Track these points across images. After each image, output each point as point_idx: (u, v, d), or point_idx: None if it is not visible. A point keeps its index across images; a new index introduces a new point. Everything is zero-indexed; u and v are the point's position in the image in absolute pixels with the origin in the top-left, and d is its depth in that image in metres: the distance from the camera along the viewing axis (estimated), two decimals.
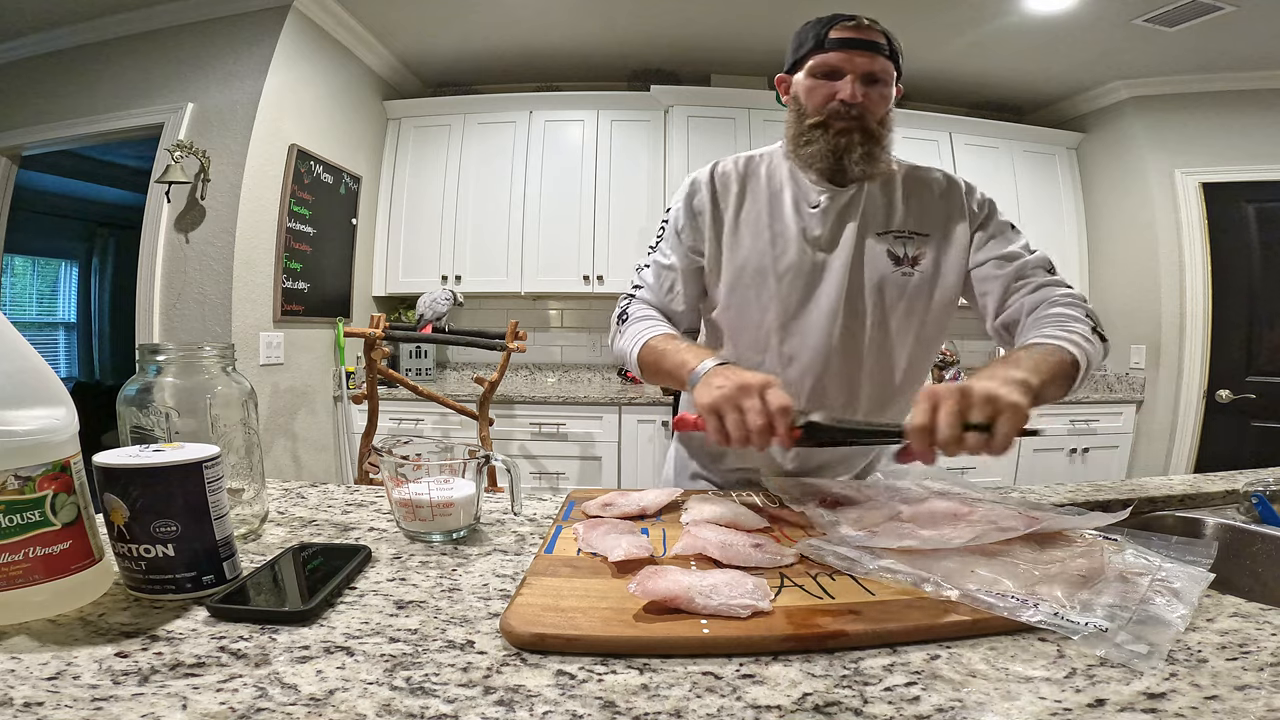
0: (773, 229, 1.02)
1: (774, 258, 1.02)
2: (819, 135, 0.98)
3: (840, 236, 1.01)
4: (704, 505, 0.79)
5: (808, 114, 0.99)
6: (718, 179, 1.07)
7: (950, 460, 1.15)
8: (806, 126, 0.99)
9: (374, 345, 2.40)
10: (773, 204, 1.04)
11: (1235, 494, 1.04)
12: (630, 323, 1.05)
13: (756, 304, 1.03)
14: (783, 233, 1.02)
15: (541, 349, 3.58)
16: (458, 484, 0.74)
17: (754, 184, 1.06)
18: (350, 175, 3.03)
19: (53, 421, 0.54)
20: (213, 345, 0.72)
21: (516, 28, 2.97)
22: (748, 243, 1.03)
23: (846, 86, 0.94)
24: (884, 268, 1.00)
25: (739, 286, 1.04)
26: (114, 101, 2.63)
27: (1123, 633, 0.48)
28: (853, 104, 0.95)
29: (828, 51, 0.95)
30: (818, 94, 0.97)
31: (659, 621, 0.50)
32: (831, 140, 0.97)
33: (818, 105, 0.97)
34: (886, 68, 0.96)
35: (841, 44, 0.94)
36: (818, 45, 0.96)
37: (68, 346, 5.07)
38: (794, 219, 1.02)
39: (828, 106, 0.96)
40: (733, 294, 1.04)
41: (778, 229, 1.02)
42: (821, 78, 0.97)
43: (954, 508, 0.70)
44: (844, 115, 0.96)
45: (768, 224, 1.03)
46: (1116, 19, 2.63)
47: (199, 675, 0.44)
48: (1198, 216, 3.09)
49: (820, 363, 1.01)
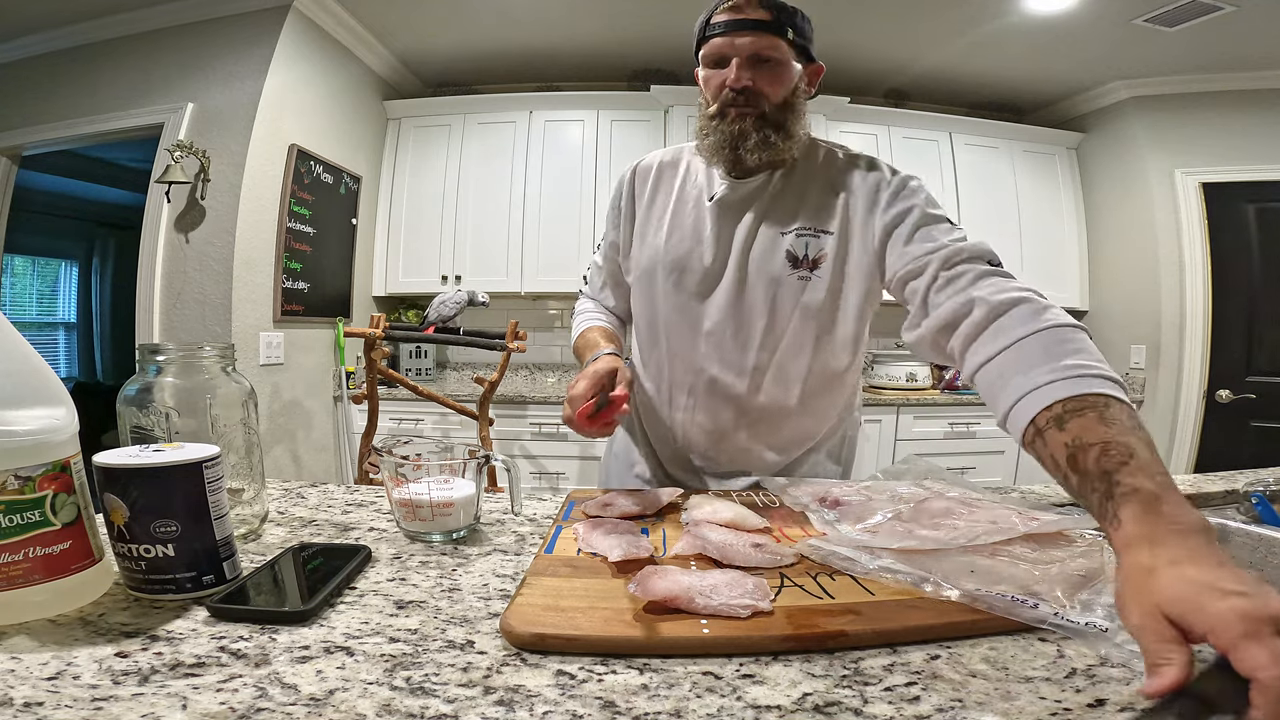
0: (671, 223, 1.00)
1: (665, 253, 0.99)
2: (716, 125, 0.93)
3: (734, 233, 0.96)
4: (704, 505, 0.79)
5: (707, 106, 0.94)
6: (638, 175, 1.06)
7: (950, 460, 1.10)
8: (706, 117, 0.94)
9: (374, 345, 2.40)
10: (680, 198, 1.01)
11: (1235, 494, 1.04)
12: (575, 317, 1.13)
13: (649, 300, 1.02)
14: (679, 227, 0.99)
15: (541, 349, 3.58)
16: (458, 484, 0.74)
17: (670, 177, 1.04)
18: (350, 175, 3.03)
19: (53, 421, 0.54)
20: (213, 345, 0.72)
21: (516, 28, 2.97)
22: (649, 238, 1.02)
23: (731, 71, 0.89)
24: (778, 270, 0.94)
25: (639, 282, 1.04)
26: (114, 101, 2.63)
27: (1123, 633, 0.48)
28: (740, 89, 0.89)
29: (710, 38, 0.91)
30: (712, 83, 0.93)
31: (659, 621, 0.50)
32: (726, 129, 0.91)
33: (713, 95, 0.93)
34: (774, 44, 0.89)
35: (723, 27, 0.89)
36: (703, 33, 0.92)
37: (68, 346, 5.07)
38: (692, 214, 0.99)
39: (721, 95, 0.91)
40: (636, 288, 1.05)
41: (675, 223, 0.99)
42: (713, 66, 0.92)
43: (954, 508, 0.70)
44: (735, 102, 0.90)
45: (669, 219, 1.00)
46: (1116, 19, 2.63)
47: (199, 675, 0.44)
48: (1198, 216, 3.09)
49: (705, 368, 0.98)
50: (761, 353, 0.97)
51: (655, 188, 1.04)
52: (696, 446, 1.05)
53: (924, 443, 2.98)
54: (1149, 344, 3.22)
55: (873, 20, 2.78)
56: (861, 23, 2.80)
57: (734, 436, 1.02)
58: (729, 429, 1.02)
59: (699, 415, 1.02)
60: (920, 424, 3.00)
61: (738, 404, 1.00)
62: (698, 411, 1.02)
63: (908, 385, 3.21)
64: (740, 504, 0.81)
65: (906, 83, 3.46)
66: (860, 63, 3.20)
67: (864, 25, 2.82)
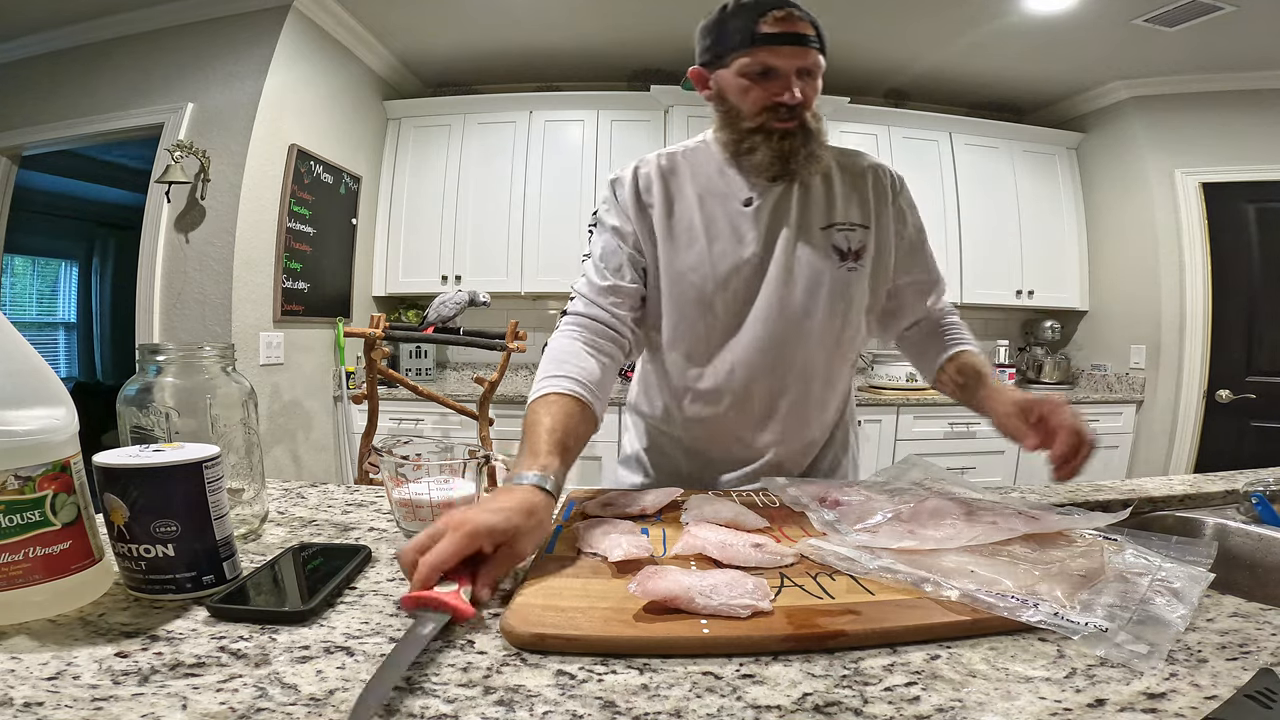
0: (708, 234, 0.96)
1: (712, 265, 0.95)
2: (761, 141, 0.91)
3: (778, 235, 0.96)
4: (704, 505, 0.79)
5: (744, 117, 0.92)
6: (641, 182, 0.99)
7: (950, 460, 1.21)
8: (745, 131, 0.92)
9: (374, 345, 2.40)
10: (704, 207, 0.97)
11: (1235, 494, 1.04)
12: (546, 361, 0.90)
13: (698, 314, 0.97)
14: (718, 236, 0.96)
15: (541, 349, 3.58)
16: (458, 484, 0.74)
17: (678, 185, 0.99)
18: (350, 175, 3.03)
19: (53, 421, 0.54)
20: (213, 345, 0.72)
21: (516, 28, 2.97)
22: (683, 252, 0.97)
23: (788, 88, 0.88)
24: (826, 264, 0.96)
25: (679, 298, 0.97)
26: (114, 101, 2.63)
27: (1123, 633, 0.48)
28: (794, 105, 0.89)
29: (759, 48, 0.87)
30: (753, 96, 0.90)
31: (659, 621, 0.50)
32: (776, 145, 0.91)
33: (754, 109, 0.91)
34: (818, 61, 0.90)
35: (774, 39, 0.87)
36: (746, 41, 0.88)
37: (68, 346, 5.07)
38: (726, 222, 0.97)
39: (765, 110, 0.90)
40: (672, 305, 0.98)
41: (712, 233, 0.96)
42: (754, 78, 0.89)
43: (954, 508, 0.70)
44: (785, 117, 0.90)
45: (702, 230, 0.96)
46: (1116, 19, 2.63)
47: (199, 675, 0.44)
48: (1198, 216, 3.09)
49: (751, 370, 0.97)
50: (797, 352, 0.98)
51: (667, 198, 0.98)
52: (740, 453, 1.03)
53: (924, 443, 2.98)
54: (1149, 344, 3.22)
55: (873, 20, 2.78)
56: (861, 23, 2.80)
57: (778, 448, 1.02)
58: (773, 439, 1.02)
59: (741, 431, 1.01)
60: (920, 424, 3.00)
61: (767, 408, 1.00)
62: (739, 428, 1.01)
63: (908, 385, 3.21)
64: (740, 504, 0.81)
65: (906, 83, 3.46)
66: (860, 63, 3.20)
67: (864, 25, 2.82)
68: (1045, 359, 3.58)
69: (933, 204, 3.32)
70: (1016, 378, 3.38)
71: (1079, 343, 3.65)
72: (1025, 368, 3.63)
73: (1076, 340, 3.67)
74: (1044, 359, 3.58)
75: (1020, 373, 3.62)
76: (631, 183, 1.00)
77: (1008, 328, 3.73)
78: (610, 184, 1.02)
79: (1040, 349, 3.64)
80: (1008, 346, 3.36)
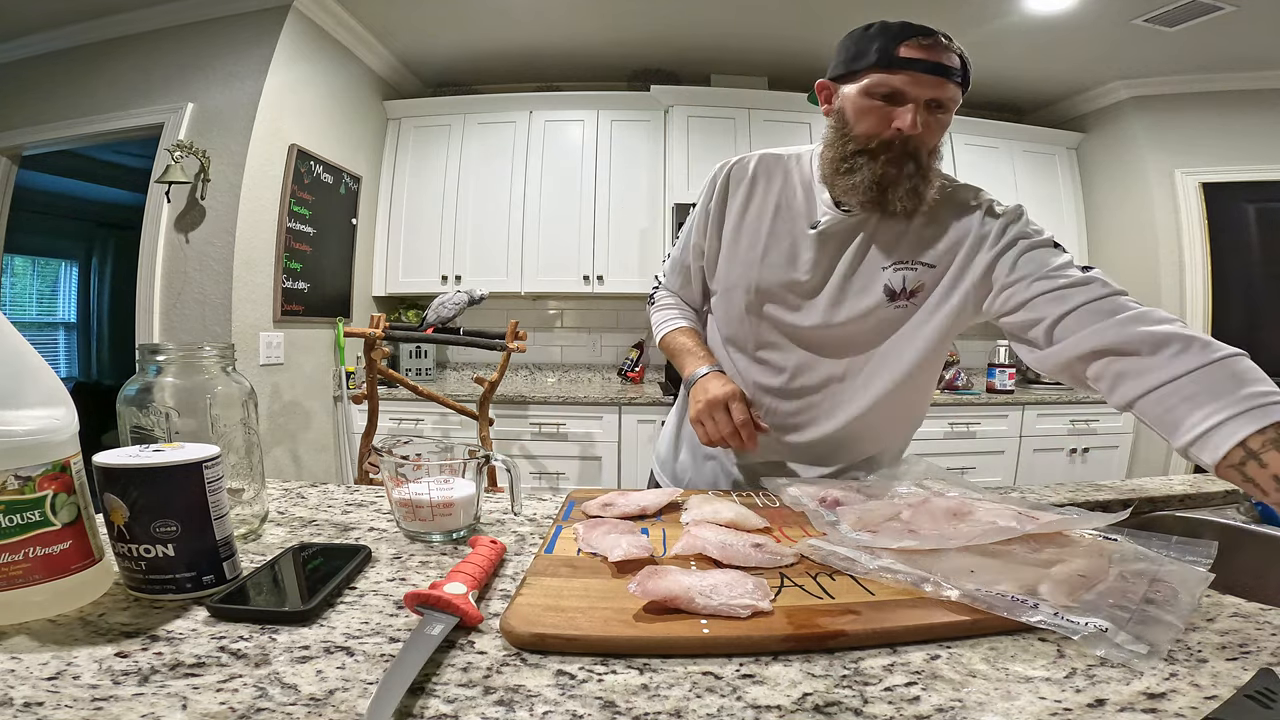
0: (768, 243, 0.96)
1: (761, 275, 0.97)
2: (864, 163, 0.87)
3: (835, 264, 0.94)
4: (704, 505, 0.79)
5: (853, 137, 0.88)
6: (732, 176, 1.00)
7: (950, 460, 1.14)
8: (850, 152, 0.88)
9: (374, 345, 2.40)
10: (777, 216, 0.97)
11: (1235, 494, 1.04)
12: (655, 310, 1.13)
13: (737, 315, 1.01)
14: (775, 248, 0.96)
15: (541, 349, 3.58)
16: (458, 484, 0.74)
17: (765, 189, 0.98)
18: (350, 175, 3.03)
19: (53, 421, 0.54)
20: (213, 345, 0.72)
21: (516, 28, 2.97)
22: (741, 253, 0.99)
23: (908, 116, 0.83)
24: (875, 303, 0.93)
25: (725, 292, 1.03)
26: (114, 101, 2.63)
27: (1123, 633, 0.48)
28: (910, 136, 0.84)
29: (894, 71, 0.83)
30: (871, 118, 0.86)
31: (659, 621, 0.50)
32: (879, 171, 0.86)
33: (869, 131, 0.86)
34: (955, 96, 0.85)
35: (911, 64, 0.82)
36: (883, 60, 0.83)
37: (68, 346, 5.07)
38: (788, 237, 0.96)
39: (880, 135, 0.86)
40: (720, 297, 1.04)
41: (771, 244, 0.96)
42: (880, 99, 0.85)
43: (954, 508, 0.70)
44: (898, 147, 0.85)
45: (765, 238, 0.97)
46: (1116, 19, 2.63)
47: (199, 675, 0.44)
48: (1198, 216, 3.09)
49: (786, 386, 0.99)
50: (858, 383, 0.96)
51: (749, 196, 0.99)
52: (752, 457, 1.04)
53: (924, 443, 2.98)
54: None
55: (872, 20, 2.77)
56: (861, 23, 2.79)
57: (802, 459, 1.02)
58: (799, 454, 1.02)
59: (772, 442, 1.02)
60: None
61: (819, 431, 1.00)
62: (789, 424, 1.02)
63: None
64: (740, 504, 0.81)
65: None
66: None
67: None
68: None
69: None
70: (1016, 378, 3.38)
71: None
72: (1025, 368, 3.63)
73: None
74: None
75: (1020, 373, 3.62)
76: (725, 175, 1.01)
77: None
78: (712, 173, 1.03)
79: None
80: (1008, 346, 3.36)
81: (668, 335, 1.07)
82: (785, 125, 3.16)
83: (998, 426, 3.08)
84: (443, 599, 0.50)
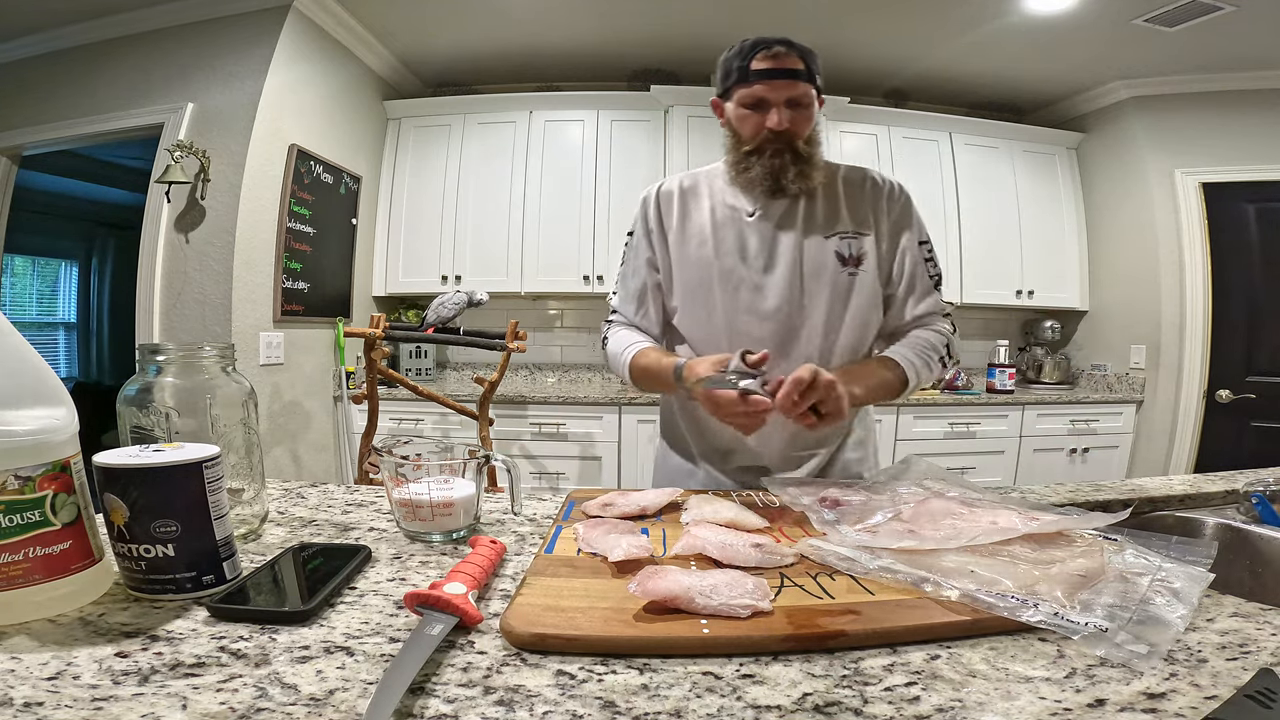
0: (715, 239, 1.09)
1: (717, 266, 1.08)
2: (755, 161, 1.05)
3: (780, 241, 1.07)
4: (704, 505, 0.79)
5: (743, 142, 1.06)
6: (661, 198, 1.14)
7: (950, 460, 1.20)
8: (743, 154, 1.06)
9: (374, 345, 2.40)
10: (714, 216, 1.10)
11: (1235, 494, 1.04)
12: (614, 345, 1.16)
13: (705, 309, 1.10)
14: (723, 241, 1.08)
15: (541, 349, 3.58)
16: (458, 484, 0.74)
17: (694, 200, 1.13)
18: (350, 175, 3.03)
19: (53, 421, 0.54)
20: (213, 345, 0.72)
21: (516, 28, 2.97)
22: (692, 255, 1.10)
23: (773, 116, 1.01)
24: (831, 268, 1.07)
25: (688, 294, 1.11)
26: (114, 101, 2.63)
27: (1123, 633, 0.48)
28: (780, 131, 1.01)
29: (752, 83, 1.01)
30: (748, 124, 1.04)
31: (659, 621, 0.50)
32: (767, 163, 1.04)
33: (750, 135, 1.05)
34: (807, 92, 1.02)
35: (763, 75, 1.00)
36: (742, 77, 1.02)
37: (68, 346, 5.07)
38: (733, 229, 1.09)
39: (759, 136, 1.03)
40: (684, 301, 1.12)
41: (719, 239, 1.09)
42: (749, 108, 1.03)
43: (954, 508, 0.70)
44: (775, 141, 1.03)
45: (711, 234, 1.09)
46: (1116, 19, 2.63)
47: (199, 675, 0.44)
48: (1198, 216, 3.09)
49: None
50: (813, 346, 1.07)
51: (684, 209, 1.12)
52: (748, 444, 1.10)
53: (924, 443, 2.99)
54: (1149, 344, 3.22)
55: (873, 20, 2.78)
56: (861, 23, 2.80)
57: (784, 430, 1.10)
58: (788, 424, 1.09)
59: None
60: (920, 424, 3.00)
61: None
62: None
63: None
64: (740, 504, 0.81)
65: (906, 83, 3.46)
66: (860, 63, 3.20)
67: (864, 25, 2.82)
68: (1045, 359, 3.58)
69: (933, 204, 3.32)
70: (1016, 377, 3.38)
71: (1079, 343, 3.65)
72: (1025, 368, 3.63)
73: (1076, 340, 3.67)
74: (1044, 359, 3.58)
75: (1020, 373, 3.62)
76: (654, 199, 1.15)
77: (1008, 328, 3.73)
78: (641, 202, 1.17)
79: (1040, 349, 3.64)
80: (1008, 346, 3.36)
81: (635, 357, 1.11)
82: None
83: (998, 426, 3.08)
84: (443, 599, 0.50)
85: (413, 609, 0.51)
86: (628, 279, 1.18)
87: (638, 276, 1.17)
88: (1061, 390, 3.42)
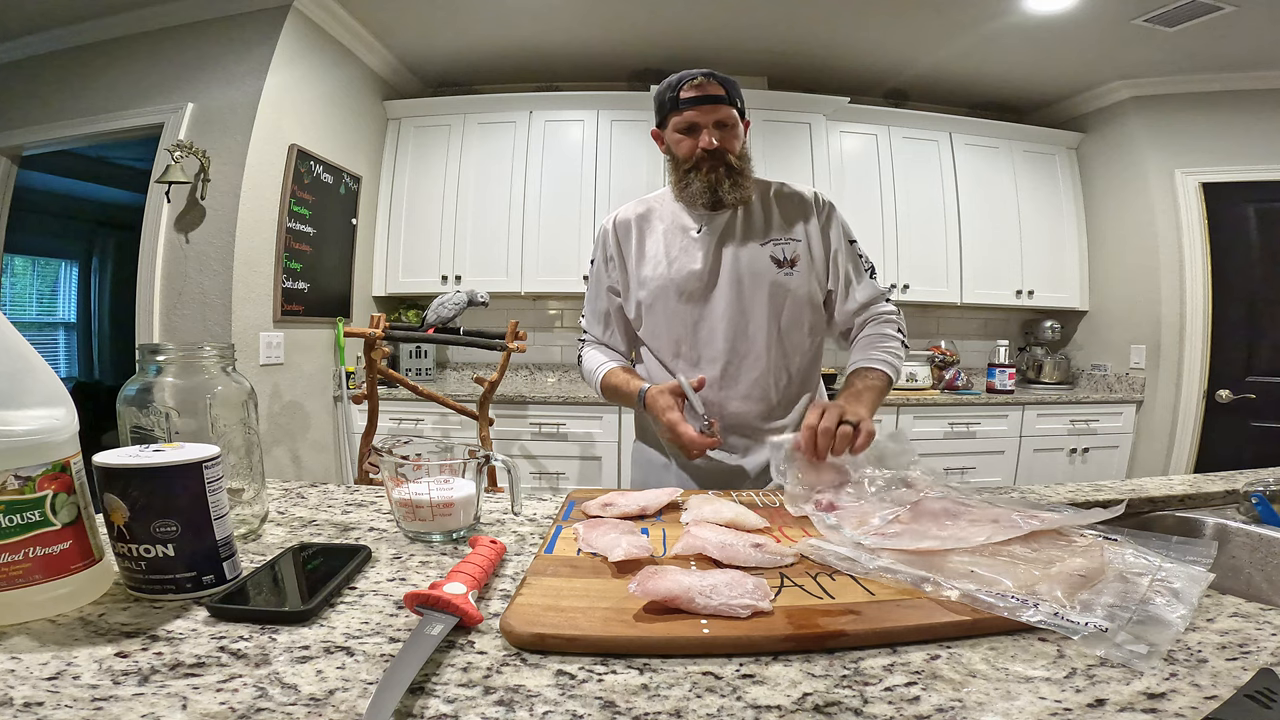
0: (669, 255, 1.22)
1: (671, 278, 1.21)
2: (694, 178, 1.19)
3: (724, 252, 1.21)
4: (704, 505, 0.79)
5: (682, 162, 1.20)
6: (618, 227, 1.27)
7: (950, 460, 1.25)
8: (683, 173, 1.20)
9: (374, 345, 2.40)
10: (667, 236, 1.24)
11: (1235, 494, 1.04)
12: (587, 364, 1.31)
13: (664, 320, 1.23)
14: (676, 258, 1.22)
15: (541, 349, 3.58)
16: (458, 484, 0.74)
17: (649, 224, 1.27)
18: (350, 175, 3.03)
19: (53, 421, 0.54)
20: (213, 345, 0.72)
21: (516, 28, 2.97)
22: (648, 271, 1.23)
23: (704, 136, 1.16)
24: (767, 270, 1.20)
25: (647, 309, 1.25)
26: (114, 101, 2.63)
27: (1123, 633, 0.48)
28: (712, 150, 1.16)
29: (683, 110, 1.16)
30: (684, 146, 1.19)
31: (659, 621, 0.50)
32: (705, 179, 1.18)
33: (686, 155, 1.19)
34: (731, 114, 1.17)
35: (691, 101, 1.15)
36: (674, 106, 1.17)
37: (68, 346, 5.06)
38: (682, 245, 1.23)
39: (694, 155, 1.18)
40: (645, 315, 1.25)
41: (671, 255, 1.22)
42: (683, 133, 1.18)
43: (954, 508, 0.70)
44: (708, 159, 1.17)
45: (664, 252, 1.23)
46: (1116, 19, 2.63)
47: (199, 675, 0.44)
48: (1198, 216, 3.09)
49: (724, 359, 1.20)
50: (768, 345, 1.20)
51: (640, 232, 1.26)
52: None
53: (924, 443, 2.98)
54: (1149, 344, 3.22)
55: (873, 20, 2.78)
56: (861, 23, 2.80)
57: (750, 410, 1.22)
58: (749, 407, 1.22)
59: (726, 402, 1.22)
60: (920, 424, 3.00)
61: (759, 392, 1.21)
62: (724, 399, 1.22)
63: (908, 385, 3.21)
64: (740, 504, 0.81)
65: (906, 83, 3.46)
66: (860, 63, 3.20)
67: (864, 25, 2.82)
68: (1045, 359, 3.58)
69: (933, 204, 3.32)
70: (1016, 378, 3.38)
71: (1079, 343, 3.65)
72: (1025, 368, 3.63)
73: (1076, 340, 3.67)
74: (1044, 359, 3.58)
75: (1020, 373, 3.62)
76: (611, 228, 1.29)
77: (1008, 328, 3.73)
78: (599, 233, 1.31)
79: (1040, 349, 3.64)
80: (1008, 346, 3.36)
81: (604, 378, 1.26)
82: (785, 125, 3.16)
83: (998, 426, 3.08)
84: (443, 599, 0.50)
85: (413, 609, 0.52)
86: (593, 302, 1.33)
87: (601, 301, 1.31)
88: (1061, 390, 3.42)
